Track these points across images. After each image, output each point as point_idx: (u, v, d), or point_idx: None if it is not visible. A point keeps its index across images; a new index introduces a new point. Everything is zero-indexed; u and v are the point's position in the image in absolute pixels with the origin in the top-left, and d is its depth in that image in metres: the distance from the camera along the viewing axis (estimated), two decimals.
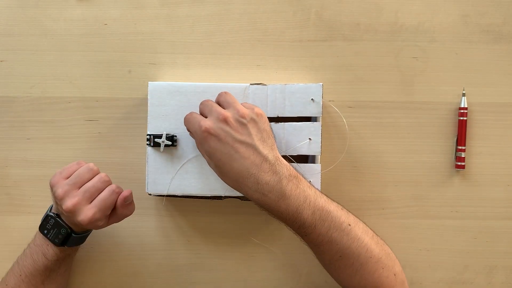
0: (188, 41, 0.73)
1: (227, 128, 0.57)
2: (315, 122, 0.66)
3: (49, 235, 0.63)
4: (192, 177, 0.66)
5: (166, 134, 0.65)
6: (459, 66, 0.72)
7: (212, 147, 0.57)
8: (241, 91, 0.66)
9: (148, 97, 0.66)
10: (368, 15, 0.72)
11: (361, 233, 0.59)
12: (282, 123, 0.66)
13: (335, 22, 0.72)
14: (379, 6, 0.72)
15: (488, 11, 0.72)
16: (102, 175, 0.60)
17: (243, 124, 0.58)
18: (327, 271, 0.62)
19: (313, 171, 0.65)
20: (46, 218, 0.63)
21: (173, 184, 0.66)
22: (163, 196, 0.67)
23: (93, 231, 0.69)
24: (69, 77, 0.73)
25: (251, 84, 0.66)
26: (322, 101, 0.66)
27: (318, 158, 0.66)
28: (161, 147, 0.65)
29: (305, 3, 0.72)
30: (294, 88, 0.66)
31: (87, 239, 0.67)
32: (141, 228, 0.73)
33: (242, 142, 0.57)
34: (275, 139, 0.61)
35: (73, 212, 0.58)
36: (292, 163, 0.64)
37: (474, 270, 0.73)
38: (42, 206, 0.72)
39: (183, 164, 0.66)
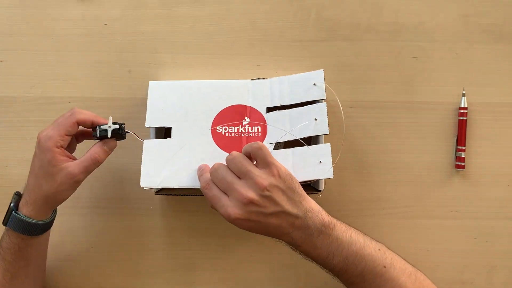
0: (188, 41, 0.73)
1: (255, 209, 0.56)
2: (320, 103, 0.65)
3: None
4: (190, 168, 0.63)
5: (115, 122, 0.62)
6: (459, 66, 0.72)
7: (245, 227, 0.58)
8: (242, 86, 0.66)
9: (149, 93, 0.66)
10: (368, 15, 0.72)
11: (396, 273, 0.59)
12: (287, 110, 0.65)
13: (335, 22, 0.72)
14: (379, 6, 0.72)
15: (488, 11, 0.72)
16: (75, 108, 0.62)
17: (268, 197, 0.57)
18: None
19: (323, 151, 0.63)
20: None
21: (167, 177, 0.64)
22: (157, 189, 0.65)
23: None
24: (69, 77, 0.73)
25: (252, 79, 0.66)
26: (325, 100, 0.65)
27: (323, 139, 0.65)
28: (108, 132, 0.61)
29: (305, 3, 0.72)
30: (294, 77, 0.66)
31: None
32: (141, 228, 0.73)
33: (272, 214, 0.57)
34: (299, 185, 0.59)
35: (38, 135, 0.61)
36: (303, 147, 0.63)
37: (474, 270, 0.73)
38: None
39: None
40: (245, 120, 0.66)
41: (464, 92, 0.72)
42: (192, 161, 0.64)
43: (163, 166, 0.64)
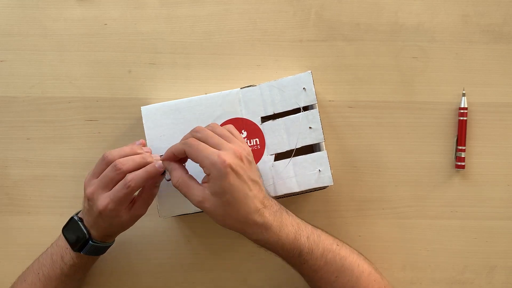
0: (188, 41, 0.73)
1: (243, 165, 0.56)
2: (312, 110, 0.65)
3: (69, 239, 0.63)
4: None
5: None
6: (459, 66, 0.72)
7: (231, 183, 0.54)
8: (233, 97, 0.66)
9: (143, 121, 0.66)
10: (368, 15, 0.72)
11: (349, 251, 0.62)
12: (281, 118, 0.65)
13: (335, 22, 0.72)
14: (379, 6, 0.72)
15: (488, 11, 0.72)
16: (115, 162, 0.58)
17: (250, 162, 0.57)
18: None
19: (320, 159, 0.65)
20: (70, 221, 0.64)
21: (182, 204, 0.64)
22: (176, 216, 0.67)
23: None
24: (69, 77, 0.73)
25: (241, 88, 0.66)
26: (319, 98, 0.65)
27: (323, 145, 0.65)
28: (166, 175, 0.60)
29: (305, 3, 0.72)
30: (283, 82, 0.66)
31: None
32: (141, 228, 0.73)
33: (252, 180, 0.56)
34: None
35: (91, 199, 0.59)
36: (302, 156, 0.65)
37: (474, 270, 0.73)
38: (42, 206, 0.73)
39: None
40: (242, 133, 0.66)
41: (464, 92, 0.72)
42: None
43: (176, 194, 0.63)
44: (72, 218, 0.64)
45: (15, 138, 0.73)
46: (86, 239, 0.62)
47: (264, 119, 0.66)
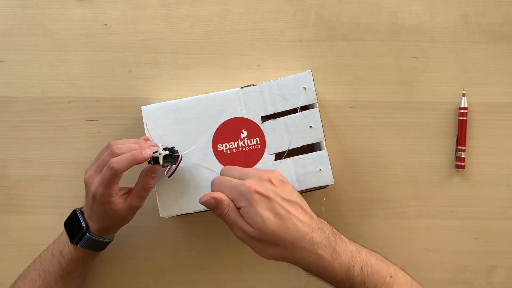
0: (188, 41, 0.73)
1: (273, 188, 0.54)
2: (312, 109, 0.65)
3: (67, 230, 0.64)
4: (202, 192, 0.64)
5: (164, 146, 0.63)
6: (459, 66, 0.72)
7: (264, 211, 0.53)
8: (233, 96, 0.66)
9: (144, 121, 0.66)
10: (368, 15, 0.72)
11: (403, 283, 0.58)
12: (281, 118, 0.65)
13: (335, 22, 0.72)
14: (379, 6, 0.72)
15: (488, 11, 0.72)
16: (112, 147, 0.60)
17: (283, 182, 0.55)
18: None
19: (321, 158, 0.65)
20: (71, 213, 0.65)
21: (184, 204, 0.65)
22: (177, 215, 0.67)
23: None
24: (69, 77, 0.73)
25: (241, 87, 0.66)
26: (319, 98, 0.65)
27: (323, 144, 0.65)
28: (160, 159, 0.61)
29: (305, 3, 0.72)
30: (284, 81, 0.65)
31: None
32: (141, 228, 0.73)
33: (290, 201, 0.54)
34: None
35: (87, 184, 0.61)
36: (303, 155, 0.64)
37: (474, 270, 0.73)
38: (42, 206, 0.73)
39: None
40: (242, 133, 0.66)
41: (464, 92, 0.72)
42: (204, 185, 0.65)
43: (177, 194, 0.65)
44: (74, 210, 0.65)
45: (15, 138, 0.73)
46: (84, 231, 0.62)
47: (265, 118, 0.66)
